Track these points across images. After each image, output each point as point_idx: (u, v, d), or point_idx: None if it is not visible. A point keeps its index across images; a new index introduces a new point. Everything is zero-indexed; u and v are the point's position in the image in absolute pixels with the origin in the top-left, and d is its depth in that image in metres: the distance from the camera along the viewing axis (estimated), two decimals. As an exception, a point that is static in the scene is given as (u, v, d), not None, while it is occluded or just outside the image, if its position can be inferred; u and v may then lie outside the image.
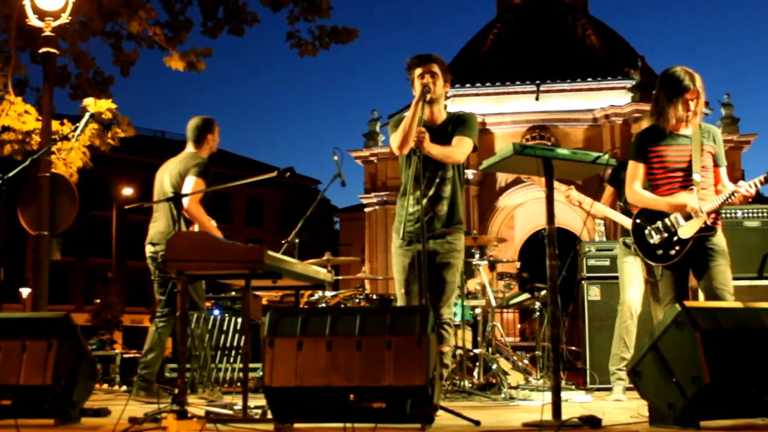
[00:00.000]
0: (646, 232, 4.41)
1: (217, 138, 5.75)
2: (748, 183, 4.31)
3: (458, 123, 4.53)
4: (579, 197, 5.65)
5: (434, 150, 4.33)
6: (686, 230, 4.31)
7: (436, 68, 4.48)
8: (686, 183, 4.35)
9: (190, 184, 5.37)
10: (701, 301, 4.40)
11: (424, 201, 4.33)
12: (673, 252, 4.32)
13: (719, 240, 4.37)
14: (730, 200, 4.34)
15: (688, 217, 4.31)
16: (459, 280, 4.72)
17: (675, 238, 4.32)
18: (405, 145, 4.36)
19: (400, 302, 4.52)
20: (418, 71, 4.47)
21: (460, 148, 4.44)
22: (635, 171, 4.46)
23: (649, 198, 4.41)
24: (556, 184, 5.75)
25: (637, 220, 4.50)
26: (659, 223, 4.37)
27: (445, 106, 4.71)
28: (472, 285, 7.34)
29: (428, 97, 4.34)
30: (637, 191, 4.44)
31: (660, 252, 4.36)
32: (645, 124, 5.73)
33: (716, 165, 4.45)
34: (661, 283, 4.48)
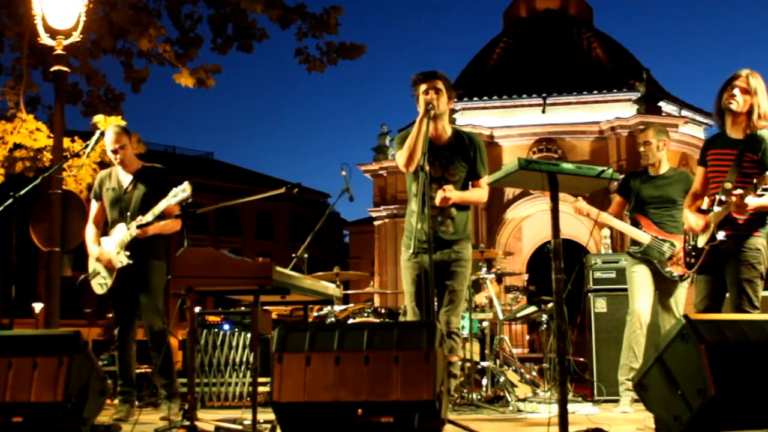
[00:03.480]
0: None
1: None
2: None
3: (469, 148, 4.59)
4: (587, 208, 5.68)
5: (458, 198, 4.48)
6: (701, 240, 4.43)
7: (440, 84, 4.52)
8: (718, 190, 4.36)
9: None
10: (707, 314, 4.41)
11: (431, 219, 4.36)
12: (691, 260, 4.46)
13: (750, 254, 4.30)
14: (731, 210, 4.29)
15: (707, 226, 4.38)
16: (467, 291, 4.76)
17: (694, 247, 4.45)
18: (411, 163, 4.42)
19: (410, 314, 4.56)
20: (422, 87, 4.52)
21: (483, 192, 4.64)
22: (696, 177, 4.64)
23: (684, 215, 4.63)
24: (564, 195, 5.80)
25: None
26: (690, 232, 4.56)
27: (453, 120, 4.77)
28: (479, 299, 7.36)
29: (432, 113, 4.39)
30: (685, 202, 4.73)
31: (687, 259, 4.57)
32: (650, 134, 5.79)
33: (761, 172, 4.18)
34: (695, 287, 4.59)
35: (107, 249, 5.31)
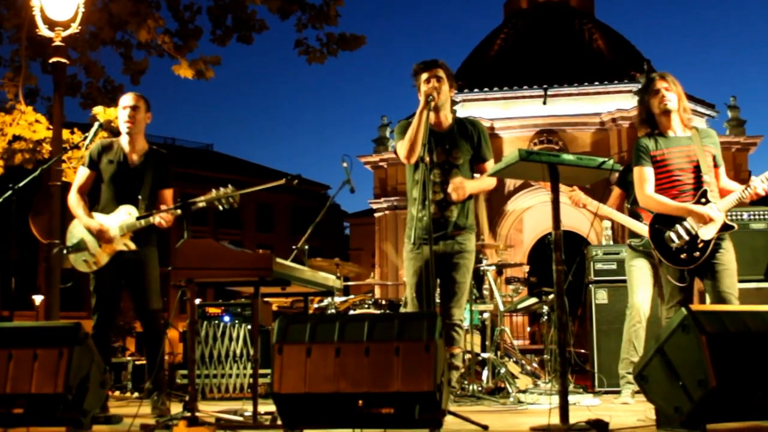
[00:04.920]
0: (666, 236, 4.35)
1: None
2: (760, 178, 4.37)
3: (472, 133, 4.58)
4: (584, 199, 5.66)
5: (473, 190, 4.49)
6: (707, 231, 4.31)
7: (441, 73, 4.51)
8: (696, 184, 4.36)
9: None
10: (707, 305, 4.41)
11: (433, 207, 4.36)
12: (697, 254, 4.30)
13: (727, 243, 4.38)
14: (743, 197, 4.38)
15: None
16: (470, 283, 4.75)
17: (697, 240, 4.31)
18: (412, 154, 4.41)
19: (411, 305, 4.55)
20: (424, 76, 4.51)
21: (491, 178, 4.58)
22: (644, 175, 4.41)
23: (667, 204, 4.34)
24: (562, 186, 5.79)
25: (656, 225, 4.42)
26: (679, 227, 4.33)
27: (454, 111, 4.76)
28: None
29: (432, 104, 4.38)
30: (651, 196, 4.37)
31: (684, 256, 4.31)
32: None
33: (715, 165, 4.49)
34: (667, 286, 4.47)
35: (110, 227, 4.85)
